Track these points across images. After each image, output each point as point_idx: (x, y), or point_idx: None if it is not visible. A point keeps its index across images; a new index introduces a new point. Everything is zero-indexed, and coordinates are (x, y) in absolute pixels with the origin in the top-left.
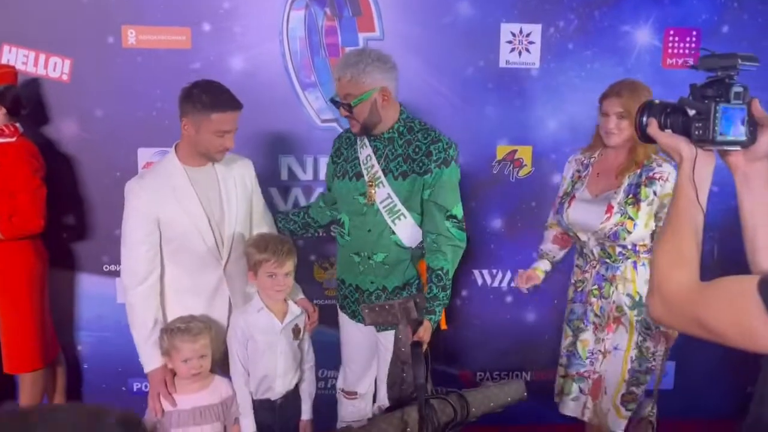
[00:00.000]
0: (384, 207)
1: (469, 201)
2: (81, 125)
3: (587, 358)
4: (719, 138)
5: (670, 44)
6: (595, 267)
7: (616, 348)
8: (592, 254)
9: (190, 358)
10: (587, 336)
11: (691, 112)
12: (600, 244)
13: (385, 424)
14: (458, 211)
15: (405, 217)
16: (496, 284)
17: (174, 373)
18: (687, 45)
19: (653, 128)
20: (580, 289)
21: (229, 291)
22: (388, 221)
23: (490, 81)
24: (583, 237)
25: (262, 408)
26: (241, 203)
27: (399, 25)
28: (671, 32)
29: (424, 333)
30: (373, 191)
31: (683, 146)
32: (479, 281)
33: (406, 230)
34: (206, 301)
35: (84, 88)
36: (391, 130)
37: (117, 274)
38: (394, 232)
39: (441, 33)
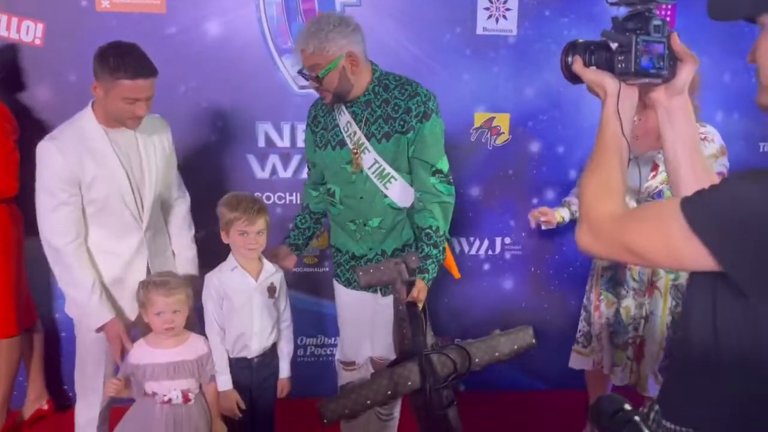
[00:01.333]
0: (373, 173)
1: None
2: (55, 90)
3: (629, 324)
4: (641, 71)
5: None
6: None
7: (653, 313)
8: None
9: (163, 312)
10: (628, 302)
11: (614, 46)
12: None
13: (386, 380)
14: (443, 164)
15: (395, 179)
16: (473, 252)
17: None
18: (661, 13)
19: (578, 65)
20: None
21: (148, 254)
22: (380, 186)
23: (468, 48)
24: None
25: (238, 366)
26: (161, 166)
27: None
28: None
29: (418, 293)
30: (359, 159)
31: (608, 81)
32: (457, 249)
33: (399, 192)
34: (125, 263)
35: (57, 52)
36: (366, 93)
37: None
38: (386, 196)
39: None
